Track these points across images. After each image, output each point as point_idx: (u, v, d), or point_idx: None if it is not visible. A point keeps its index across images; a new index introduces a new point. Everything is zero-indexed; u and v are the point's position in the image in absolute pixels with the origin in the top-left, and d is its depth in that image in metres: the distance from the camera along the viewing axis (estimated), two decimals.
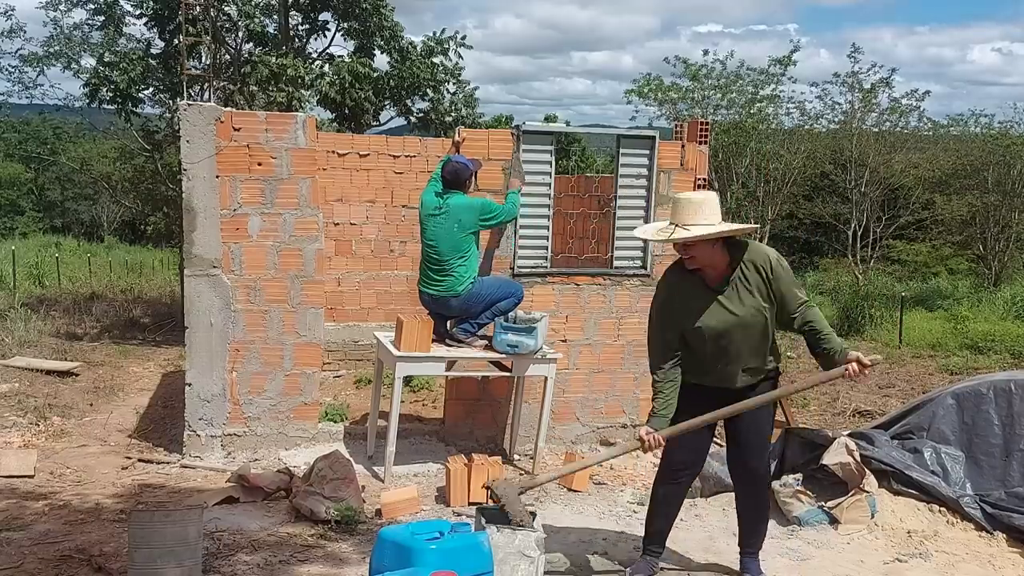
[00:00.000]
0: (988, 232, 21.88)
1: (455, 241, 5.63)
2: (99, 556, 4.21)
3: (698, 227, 3.84)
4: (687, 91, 19.65)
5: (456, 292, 5.66)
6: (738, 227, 3.96)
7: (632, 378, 6.60)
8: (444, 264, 5.66)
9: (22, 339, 9.80)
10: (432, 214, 5.73)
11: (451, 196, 5.69)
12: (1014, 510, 4.90)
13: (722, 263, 3.92)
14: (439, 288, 5.70)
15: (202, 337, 5.96)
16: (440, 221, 5.68)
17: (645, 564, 4.28)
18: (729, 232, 3.89)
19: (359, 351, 9.12)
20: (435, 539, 3.54)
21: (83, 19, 13.09)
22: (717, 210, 3.93)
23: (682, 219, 3.89)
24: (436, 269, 5.70)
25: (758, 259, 3.92)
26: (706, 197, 3.95)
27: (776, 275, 3.90)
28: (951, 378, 9.59)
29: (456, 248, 5.64)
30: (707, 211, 3.88)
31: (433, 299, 5.76)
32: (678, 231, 3.86)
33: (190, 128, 5.83)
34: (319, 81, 12.05)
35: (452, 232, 5.63)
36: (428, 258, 5.75)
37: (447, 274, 5.66)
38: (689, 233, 3.83)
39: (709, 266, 3.92)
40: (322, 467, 5.05)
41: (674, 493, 4.25)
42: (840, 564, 4.60)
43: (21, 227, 34.67)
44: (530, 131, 6.23)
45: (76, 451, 6.24)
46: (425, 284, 5.79)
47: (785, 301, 3.92)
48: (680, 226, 3.88)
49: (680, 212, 3.91)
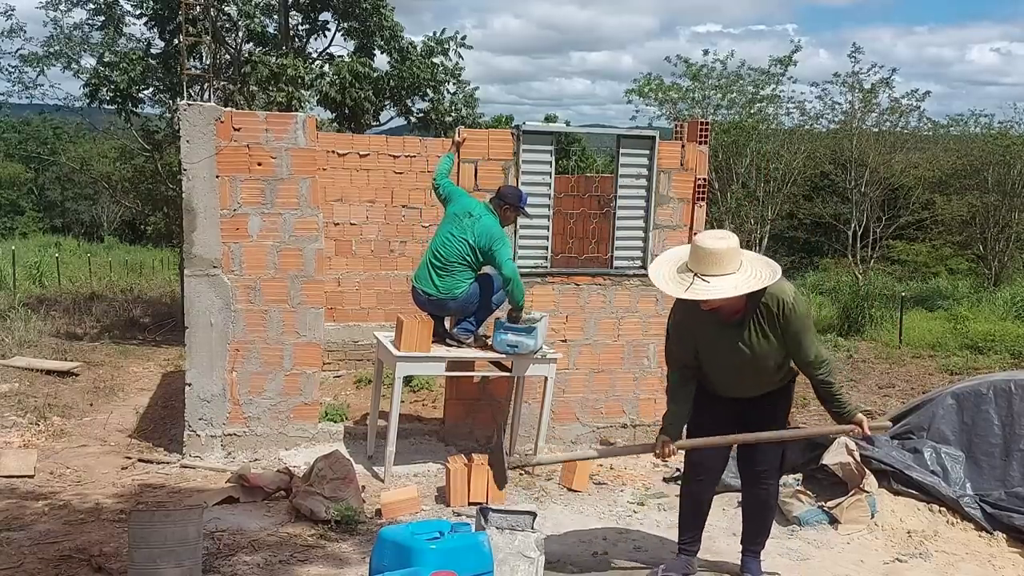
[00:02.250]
0: (988, 232, 21.87)
1: (464, 250, 5.62)
2: (99, 556, 4.21)
3: (720, 280, 3.68)
4: (687, 91, 19.65)
5: (455, 295, 5.64)
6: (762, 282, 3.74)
7: (632, 378, 6.61)
8: (449, 265, 5.63)
9: (22, 339, 9.79)
10: (460, 215, 5.68)
11: (487, 215, 5.66)
12: (1014, 510, 4.90)
13: (739, 303, 3.81)
14: (438, 288, 5.65)
15: (202, 337, 5.96)
16: (465, 225, 5.62)
17: (679, 562, 4.30)
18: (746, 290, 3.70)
19: (359, 351, 9.12)
20: (435, 539, 3.54)
21: (83, 19, 13.12)
22: (736, 257, 3.76)
23: (703, 270, 3.72)
24: (439, 267, 5.65)
25: (773, 302, 3.80)
26: (727, 248, 3.72)
27: (787, 320, 3.80)
28: (951, 378, 9.58)
29: (464, 256, 5.63)
30: (729, 261, 3.72)
31: (430, 299, 5.71)
32: (697, 284, 3.70)
33: (190, 128, 5.83)
34: (319, 81, 12.05)
35: (465, 244, 5.61)
36: (435, 255, 5.68)
37: (449, 274, 5.64)
38: (709, 293, 3.68)
39: (726, 307, 3.82)
40: (322, 467, 5.05)
41: (696, 492, 4.26)
42: (840, 564, 4.60)
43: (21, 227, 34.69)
44: (530, 131, 6.23)
45: (76, 451, 6.24)
46: (423, 283, 5.71)
47: (794, 351, 3.88)
48: (700, 276, 3.71)
49: (701, 263, 3.73)
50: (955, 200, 21.75)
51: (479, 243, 5.59)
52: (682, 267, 3.81)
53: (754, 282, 3.72)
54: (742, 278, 3.71)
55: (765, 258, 3.94)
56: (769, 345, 3.85)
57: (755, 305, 3.81)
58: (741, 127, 19.31)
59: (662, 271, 3.89)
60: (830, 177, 22.56)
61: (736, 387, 4.03)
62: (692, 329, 3.97)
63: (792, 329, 3.81)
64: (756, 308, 3.82)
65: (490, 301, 5.79)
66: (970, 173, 22.07)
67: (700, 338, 3.96)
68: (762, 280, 3.73)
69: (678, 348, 4.06)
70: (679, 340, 4.05)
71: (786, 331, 3.81)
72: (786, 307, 3.79)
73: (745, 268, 3.76)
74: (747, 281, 3.71)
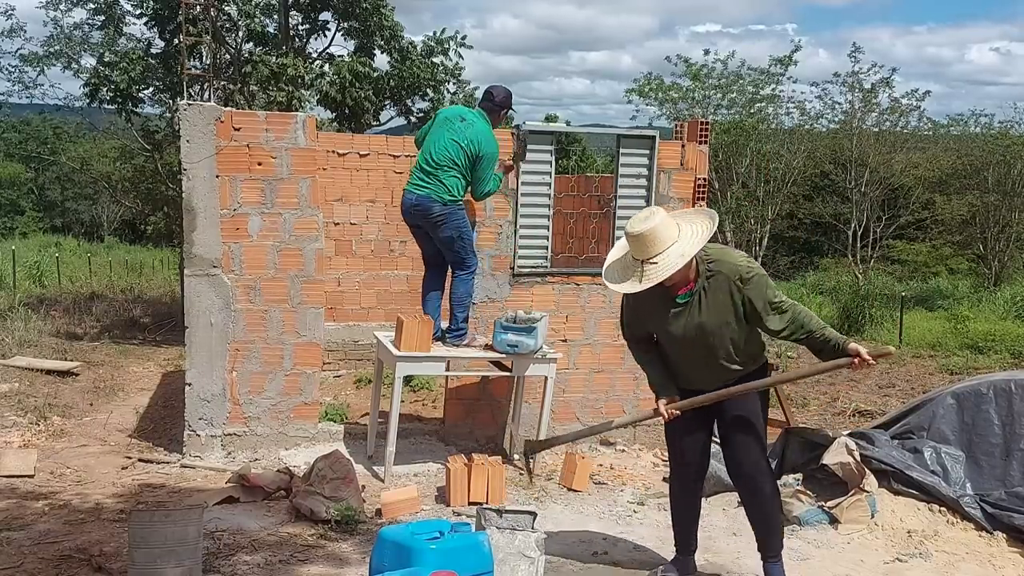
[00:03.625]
0: (988, 232, 21.88)
1: (455, 152, 5.55)
2: (99, 556, 4.21)
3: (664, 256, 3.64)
4: (687, 91, 19.67)
5: (443, 199, 5.54)
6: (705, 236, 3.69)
7: (632, 378, 6.60)
8: (440, 169, 5.54)
9: (22, 339, 9.79)
10: (450, 120, 5.64)
11: (480, 121, 5.65)
12: (1014, 510, 4.90)
13: (690, 273, 3.76)
14: (425, 191, 5.55)
15: (202, 337, 5.96)
16: (458, 128, 5.58)
17: (678, 563, 4.28)
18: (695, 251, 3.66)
19: (359, 351, 9.12)
20: (435, 539, 3.54)
21: (83, 19, 13.14)
22: (671, 226, 3.69)
23: (645, 254, 3.68)
24: (429, 171, 5.58)
25: (725, 269, 3.75)
26: (654, 225, 3.65)
27: (748, 287, 3.73)
28: (951, 378, 9.58)
29: (455, 160, 5.55)
30: (664, 235, 3.65)
31: (417, 202, 5.58)
32: (647, 270, 3.67)
33: (190, 128, 5.83)
34: (319, 81, 12.05)
35: (456, 145, 5.55)
36: (426, 160, 5.60)
37: (438, 178, 5.55)
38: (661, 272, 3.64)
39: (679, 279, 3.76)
40: (322, 467, 5.05)
41: (681, 489, 4.23)
42: (840, 564, 4.59)
43: (21, 227, 34.71)
44: (530, 131, 6.23)
45: (76, 451, 6.24)
46: (412, 186, 5.64)
47: (755, 308, 3.75)
48: (646, 262, 3.67)
49: (640, 249, 3.69)
50: (955, 200, 21.77)
51: (471, 147, 5.55)
52: (627, 260, 3.81)
53: (697, 239, 3.67)
54: (684, 242, 3.66)
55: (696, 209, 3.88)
56: (720, 315, 3.74)
57: (709, 272, 3.76)
58: (741, 127, 19.34)
59: (613, 273, 3.87)
60: (830, 177, 22.58)
61: (698, 374, 3.93)
62: (643, 312, 3.94)
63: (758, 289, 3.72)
64: (704, 279, 3.76)
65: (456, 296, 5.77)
66: (970, 173, 22.09)
67: (649, 318, 3.92)
68: (704, 233, 3.68)
69: (629, 330, 4.09)
70: (629, 322, 4.07)
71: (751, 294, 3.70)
72: (742, 273, 3.72)
73: (684, 231, 3.71)
74: (691, 243, 3.66)
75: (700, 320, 3.79)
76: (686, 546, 4.30)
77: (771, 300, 3.76)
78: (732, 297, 3.74)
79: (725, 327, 3.79)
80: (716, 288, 3.76)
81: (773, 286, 3.82)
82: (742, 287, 3.73)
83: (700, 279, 3.78)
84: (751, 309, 3.76)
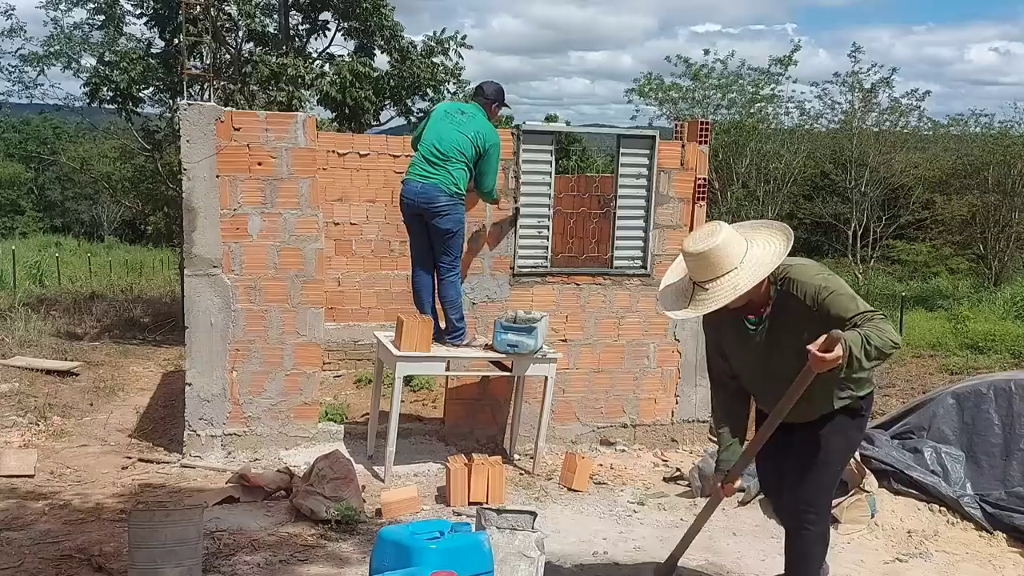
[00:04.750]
0: (988, 232, 21.86)
1: (463, 144, 5.56)
2: (99, 556, 4.21)
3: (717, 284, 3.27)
4: (688, 91, 19.66)
5: (450, 190, 5.52)
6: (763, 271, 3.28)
7: (632, 378, 6.61)
8: (447, 159, 5.53)
9: (22, 339, 9.79)
10: (451, 114, 5.68)
11: (480, 113, 5.69)
12: (1014, 510, 4.90)
13: (760, 295, 3.38)
14: (433, 180, 5.51)
15: (202, 337, 5.96)
16: (460, 120, 5.62)
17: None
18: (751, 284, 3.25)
19: (359, 351, 9.10)
20: (435, 539, 3.54)
21: (83, 18, 13.11)
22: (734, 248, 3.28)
23: (698, 277, 3.32)
24: (433, 161, 5.55)
25: (798, 292, 3.32)
26: (713, 246, 3.25)
27: (822, 309, 3.28)
28: (951, 378, 9.57)
29: (462, 151, 5.55)
30: (721, 259, 3.25)
31: (423, 190, 5.53)
32: (697, 295, 3.31)
33: (190, 128, 5.83)
34: (319, 81, 12.04)
35: (463, 137, 5.57)
36: (430, 151, 5.56)
37: (444, 171, 5.54)
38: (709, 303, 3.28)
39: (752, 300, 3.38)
40: (322, 467, 5.05)
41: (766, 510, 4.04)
42: (840, 564, 4.59)
43: (21, 227, 34.71)
44: (530, 131, 6.23)
45: (76, 451, 6.24)
46: (416, 176, 5.58)
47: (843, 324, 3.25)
48: (698, 286, 3.32)
49: (695, 270, 3.33)
50: (955, 200, 21.74)
51: (477, 140, 5.58)
52: (684, 280, 3.44)
53: (758, 270, 3.26)
54: (744, 271, 3.25)
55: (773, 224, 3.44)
56: (796, 341, 3.27)
57: (780, 297, 3.37)
58: (741, 127, 19.33)
59: (666, 291, 3.52)
60: (830, 177, 22.56)
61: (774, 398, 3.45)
62: (717, 333, 3.61)
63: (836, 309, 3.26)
64: (777, 303, 3.39)
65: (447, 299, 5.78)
66: (970, 173, 22.07)
67: (727, 343, 3.59)
68: (770, 262, 3.27)
69: (711, 357, 3.74)
70: (710, 346, 3.73)
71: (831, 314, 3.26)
72: (820, 295, 3.28)
73: (751, 254, 3.29)
74: (750, 274, 3.25)
75: (773, 344, 3.41)
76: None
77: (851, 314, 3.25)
78: (810, 319, 3.29)
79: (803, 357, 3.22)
80: (790, 310, 3.35)
81: (853, 296, 3.34)
82: (818, 310, 3.29)
83: (772, 305, 3.40)
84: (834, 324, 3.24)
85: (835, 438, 3.55)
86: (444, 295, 5.77)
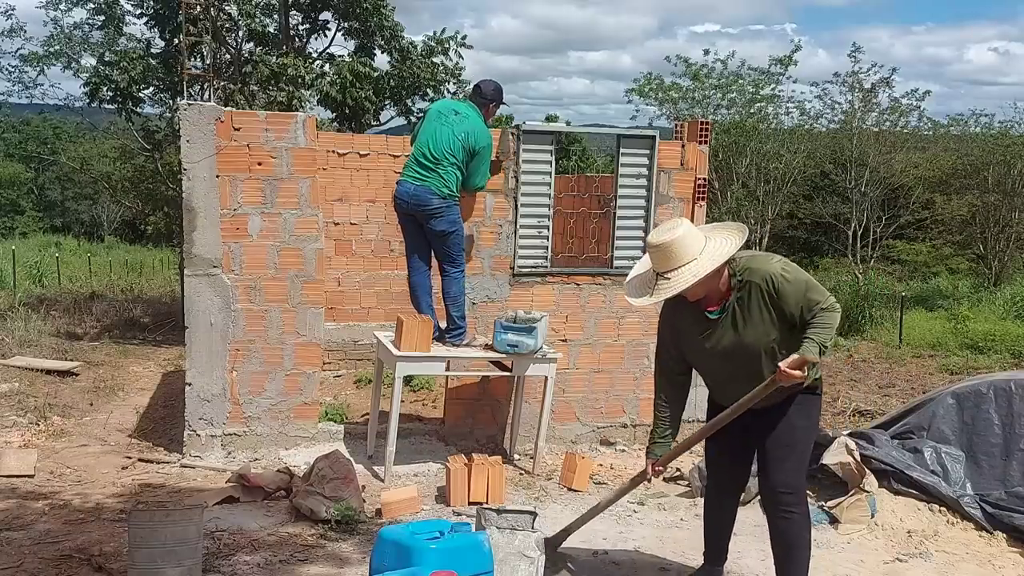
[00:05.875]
0: (988, 232, 21.86)
1: (454, 146, 5.58)
2: (99, 556, 4.21)
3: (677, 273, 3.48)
4: (687, 91, 19.66)
5: (442, 193, 5.55)
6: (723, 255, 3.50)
7: (632, 378, 6.61)
8: (438, 162, 5.55)
9: (22, 339, 9.80)
10: (444, 114, 5.68)
11: (474, 113, 5.70)
12: (1014, 510, 4.90)
13: (721, 288, 3.58)
14: (424, 183, 5.54)
15: (202, 337, 5.96)
16: (453, 121, 5.63)
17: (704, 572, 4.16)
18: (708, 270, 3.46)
19: (359, 351, 9.10)
20: (435, 539, 3.54)
21: (83, 18, 13.13)
22: (693, 241, 3.51)
23: (660, 267, 3.54)
24: (425, 164, 5.58)
25: (756, 278, 3.52)
26: (674, 238, 3.49)
27: (781, 293, 3.47)
28: (951, 378, 9.58)
29: (453, 153, 5.57)
30: (682, 250, 3.49)
31: (415, 192, 5.56)
32: (660, 283, 3.53)
33: (190, 127, 5.83)
34: (319, 81, 12.05)
35: (455, 138, 5.58)
36: (423, 153, 5.59)
37: (436, 174, 5.56)
38: (671, 289, 3.49)
39: (709, 294, 3.60)
40: (322, 467, 5.05)
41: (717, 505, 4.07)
42: (840, 564, 4.59)
43: (21, 227, 34.75)
44: (530, 131, 6.23)
45: (76, 451, 6.24)
46: (408, 177, 5.61)
47: (800, 317, 3.47)
48: (660, 276, 3.54)
49: (657, 261, 3.56)
50: (955, 200, 21.74)
51: (468, 141, 5.58)
52: (648, 272, 3.68)
53: (716, 257, 3.48)
54: (703, 260, 3.48)
55: (732, 224, 3.65)
56: (757, 329, 3.52)
57: (739, 284, 3.56)
58: (741, 127, 19.32)
59: (633, 285, 3.73)
60: (830, 177, 22.55)
61: (732, 390, 3.69)
62: (675, 324, 3.78)
63: (789, 298, 3.46)
64: (737, 291, 3.56)
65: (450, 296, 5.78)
66: (970, 173, 22.07)
67: (683, 336, 3.76)
68: (726, 251, 3.49)
69: (664, 352, 3.89)
70: (664, 343, 3.89)
71: (781, 305, 3.47)
72: (774, 281, 3.48)
73: (709, 247, 3.53)
74: (708, 261, 3.48)
75: (736, 335, 3.58)
76: (715, 556, 4.14)
77: (812, 301, 3.46)
78: (769, 306, 3.51)
79: (765, 338, 3.54)
80: (750, 300, 3.54)
81: (815, 286, 3.52)
82: (776, 296, 3.49)
83: (732, 292, 3.58)
84: (793, 317, 3.49)
85: (800, 420, 3.71)
86: (448, 291, 5.77)
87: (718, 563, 4.16)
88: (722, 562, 4.17)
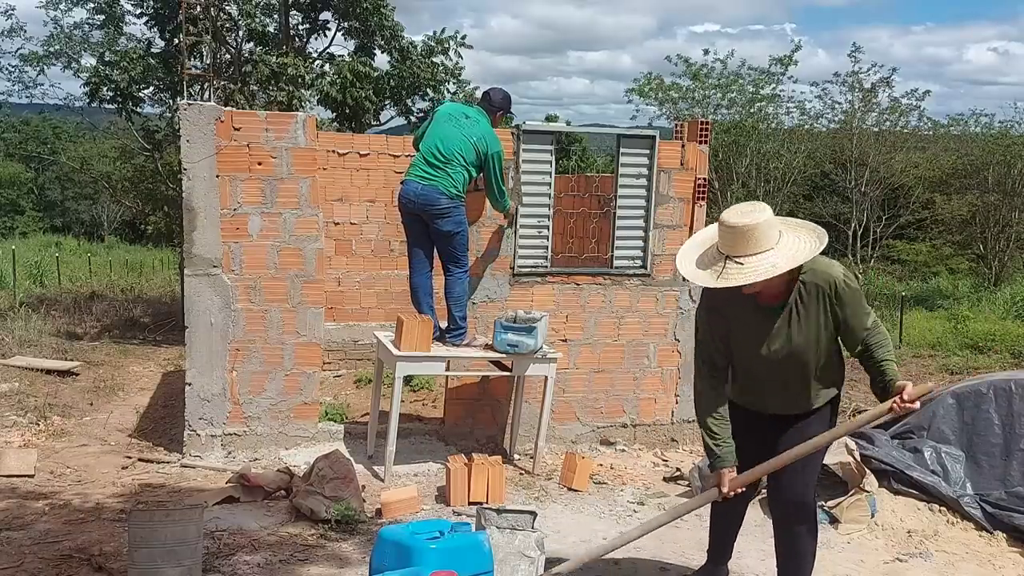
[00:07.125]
0: (988, 232, 21.87)
1: (465, 148, 5.57)
2: (99, 556, 4.21)
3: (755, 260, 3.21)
4: (687, 90, 19.66)
5: (449, 193, 5.54)
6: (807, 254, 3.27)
7: (632, 378, 6.61)
8: (448, 162, 5.54)
9: (22, 339, 9.79)
10: (455, 116, 5.69)
11: (484, 119, 5.71)
12: (1014, 510, 4.90)
13: (780, 284, 3.34)
14: (432, 183, 5.52)
15: (202, 337, 5.96)
16: (463, 124, 5.64)
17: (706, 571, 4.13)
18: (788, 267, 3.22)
19: (359, 351, 9.10)
20: (435, 539, 3.54)
21: (83, 18, 13.13)
22: (772, 230, 3.25)
23: (735, 251, 3.24)
24: (434, 164, 5.56)
25: (820, 280, 3.34)
26: (758, 223, 3.22)
27: (841, 300, 3.35)
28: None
29: (463, 154, 5.57)
30: (763, 237, 3.21)
31: (423, 191, 5.54)
32: (730, 267, 3.23)
33: (190, 127, 5.83)
34: (319, 80, 12.05)
35: (466, 140, 5.58)
36: (432, 153, 5.57)
37: (444, 173, 5.55)
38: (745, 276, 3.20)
39: (766, 289, 3.34)
40: (322, 467, 5.05)
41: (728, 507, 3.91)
42: (840, 564, 4.59)
43: (21, 227, 34.75)
44: (530, 131, 6.23)
45: (76, 451, 6.24)
46: (416, 177, 5.59)
47: (850, 328, 3.41)
48: (732, 259, 3.23)
49: (731, 243, 3.26)
50: (955, 200, 21.75)
51: (480, 144, 5.58)
52: (711, 250, 3.35)
53: (798, 255, 3.24)
54: (782, 254, 3.23)
55: (807, 223, 3.43)
56: (811, 331, 3.38)
57: (802, 284, 3.36)
58: (741, 127, 19.32)
59: (689, 257, 3.40)
60: (830, 177, 22.57)
61: (774, 398, 3.57)
62: (726, 318, 3.49)
63: (847, 307, 3.36)
64: (799, 289, 3.37)
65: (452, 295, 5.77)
66: (970, 173, 22.08)
67: (735, 328, 3.49)
68: (807, 251, 3.26)
69: (709, 342, 3.58)
70: (710, 332, 3.58)
71: (838, 311, 3.36)
72: (837, 284, 3.32)
73: (785, 241, 3.28)
74: (788, 256, 3.23)
75: (789, 333, 3.40)
76: (720, 556, 4.08)
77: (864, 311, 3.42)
78: (826, 311, 3.37)
79: (815, 342, 3.41)
80: (810, 301, 3.37)
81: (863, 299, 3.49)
82: (836, 301, 3.35)
83: (794, 290, 3.37)
84: (845, 326, 3.41)
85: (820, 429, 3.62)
86: (450, 291, 5.77)
87: (722, 562, 4.14)
88: (726, 561, 4.15)
